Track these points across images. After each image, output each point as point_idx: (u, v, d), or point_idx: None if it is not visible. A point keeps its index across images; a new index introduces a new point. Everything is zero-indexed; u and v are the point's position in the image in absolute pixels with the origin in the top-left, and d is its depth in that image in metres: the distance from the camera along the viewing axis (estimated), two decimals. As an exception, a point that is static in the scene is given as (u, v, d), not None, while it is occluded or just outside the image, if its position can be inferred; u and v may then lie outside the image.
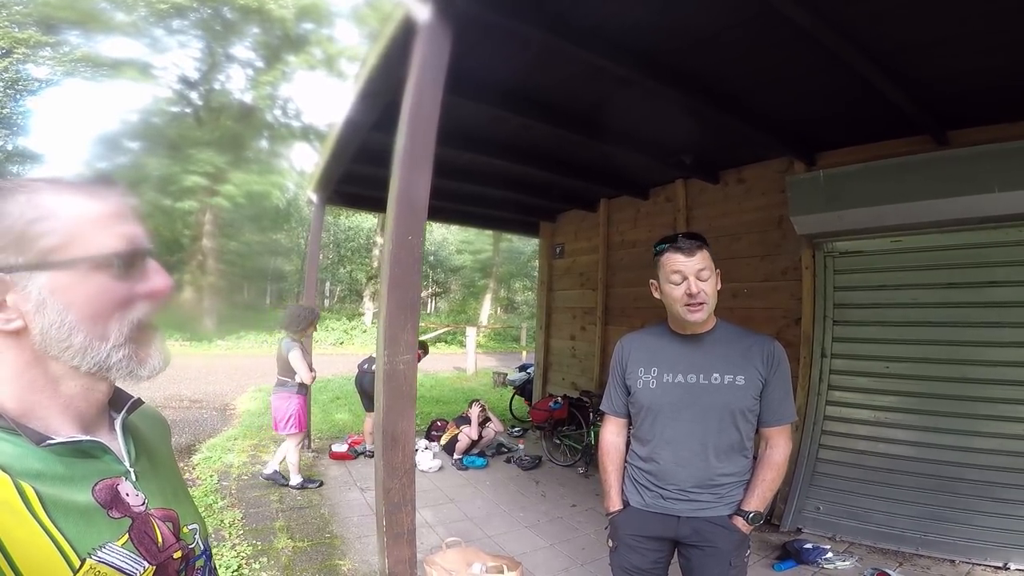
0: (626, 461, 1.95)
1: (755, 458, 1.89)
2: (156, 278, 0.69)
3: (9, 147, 17.96)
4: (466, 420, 6.00)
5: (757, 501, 1.75)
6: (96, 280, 0.63)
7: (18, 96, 17.36)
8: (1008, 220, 3.31)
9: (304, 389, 4.78)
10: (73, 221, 0.62)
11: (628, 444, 1.97)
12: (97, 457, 0.67)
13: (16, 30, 15.90)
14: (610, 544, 1.92)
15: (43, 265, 0.61)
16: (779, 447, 1.78)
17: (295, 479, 4.78)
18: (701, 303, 1.70)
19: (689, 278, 1.70)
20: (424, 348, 6.49)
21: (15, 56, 16.15)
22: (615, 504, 1.91)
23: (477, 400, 6.32)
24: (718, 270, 1.77)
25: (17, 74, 16.74)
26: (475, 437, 5.85)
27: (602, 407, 2.02)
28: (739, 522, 1.74)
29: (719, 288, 1.77)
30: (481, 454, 5.96)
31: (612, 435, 1.97)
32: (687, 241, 1.73)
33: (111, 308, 0.64)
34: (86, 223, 0.63)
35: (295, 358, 4.63)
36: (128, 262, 0.65)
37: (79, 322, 0.62)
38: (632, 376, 1.86)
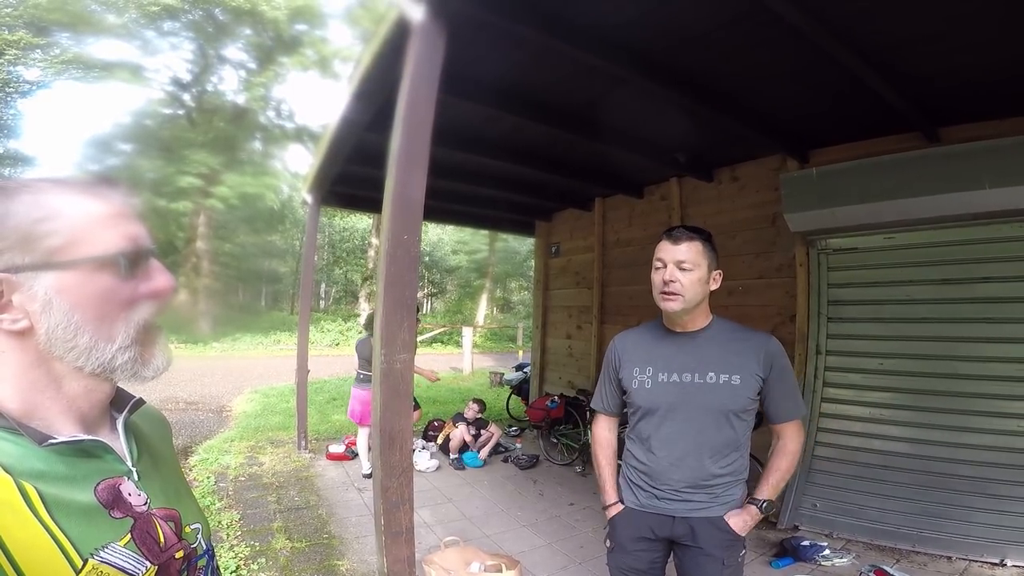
0: (621, 460, 1.94)
1: (752, 458, 1.88)
2: (159, 277, 0.69)
3: (0, 150, 17.87)
4: (462, 418, 6.01)
5: (771, 490, 1.74)
6: (101, 280, 0.63)
7: (9, 98, 17.26)
8: (999, 216, 3.33)
9: None
10: (78, 221, 0.62)
11: (622, 443, 1.96)
12: (99, 457, 0.67)
13: (6, 32, 15.80)
14: (608, 544, 1.91)
15: (49, 265, 0.61)
16: (792, 438, 1.77)
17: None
18: (674, 293, 1.67)
19: (668, 265, 1.68)
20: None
21: (6, 58, 16.05)
22: (611, 497, 1.90)
23: (477, 399, 6.31)
24: (718, 270, 1.74)
25: (8, 76, 16.64)
26: (467, 438, 5.84)
27: (592, 405, 2.01)
28: (734, 521, 1.72)
29: (715, 287, 1.75)
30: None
31: (604, 430, 1.98)
32: (679, 231, 1.72)
33: (117, 308, 0.65)
34: (91, 223, 0.63)
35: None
36: (133, 262, 0.66)
37: (85, 322, 0.62)
38: (627, 376, 1.83)
